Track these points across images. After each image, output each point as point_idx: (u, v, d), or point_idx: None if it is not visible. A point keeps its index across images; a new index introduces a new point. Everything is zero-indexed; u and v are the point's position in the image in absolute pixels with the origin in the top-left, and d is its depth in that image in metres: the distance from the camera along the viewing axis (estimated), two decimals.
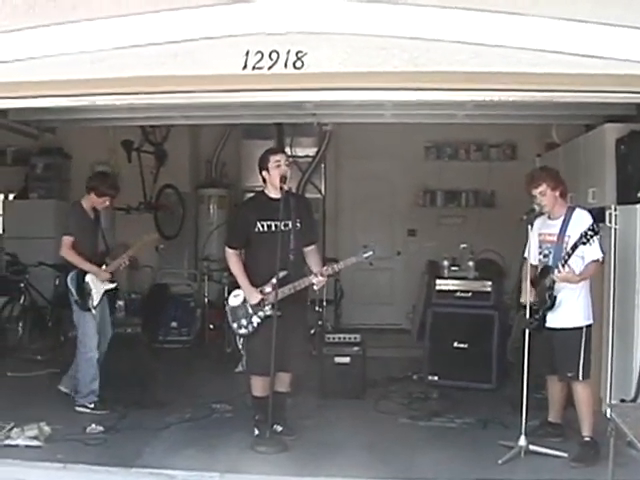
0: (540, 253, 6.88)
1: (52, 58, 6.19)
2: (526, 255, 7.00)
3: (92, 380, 7.92)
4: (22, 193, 13.04)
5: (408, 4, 5.84)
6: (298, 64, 5.96)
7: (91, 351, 7.91)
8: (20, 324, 10.87)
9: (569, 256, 6.41)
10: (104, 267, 8.09)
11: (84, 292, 7.95)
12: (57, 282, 10.71)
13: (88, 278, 7.98)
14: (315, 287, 7.18)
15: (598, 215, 7.54)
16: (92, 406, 7.85)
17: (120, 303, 10.69)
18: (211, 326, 11.51)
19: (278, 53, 5.96)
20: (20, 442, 6.77)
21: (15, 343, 10.77)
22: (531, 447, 6.54)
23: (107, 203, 8.25)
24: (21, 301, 11.00)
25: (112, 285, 8.21)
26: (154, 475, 6.19)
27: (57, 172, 12.95)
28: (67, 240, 7.95)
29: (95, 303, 7.98)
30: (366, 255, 7.04)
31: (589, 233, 6.30)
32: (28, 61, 6.20)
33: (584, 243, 6.33)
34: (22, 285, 11.08)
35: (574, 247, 6.40)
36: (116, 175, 12.87)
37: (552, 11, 5.81)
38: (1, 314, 10.91)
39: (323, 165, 13.46)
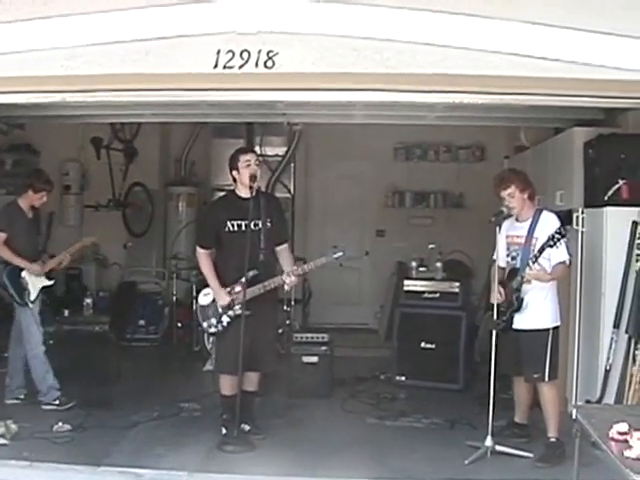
0: (508, 255, 6.92)
1: (22, 54, 6.13)
2: (495, 257, 7.05)
3: (45, 374, 7.90)
4: None
5: (380, 6, 5.87)
6: (269, 64, 5.96)
7: (36, 347, 7.89)
8: None
9: (536, 258, 6.46)
10: (39, 263, 8.12)
11: (20, 287, 7.95)
12: None
13: (24, 273, 7.99)
14: (286, 287, 7.22)
15: (565, 217, 7.61)
16: (57, 402, 7.82)
17: (88, 301, 10.63)
18: (179, 324, 11.45)
19: (249, 52, 5.96)
20: None
21: None
22: (497, 447, 6.57)
23: (44, 199, 8.23)
24: None
25: (49, 282, 8.22)
26: (122, 474, 6.16)
27: (26, 168, 12.75)
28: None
29: (32, 297, 7.97)
30: (336, 256, 7.07)
31: (556, 236, 6.37)
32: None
33: (551, 246, 6.39)
34: None
35: (541, 249, 6.46)
36: (85, 171, 12.93)
37: (522, 15, 5.86)
38: None
39: (293, 165, 13.46)
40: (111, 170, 12.84)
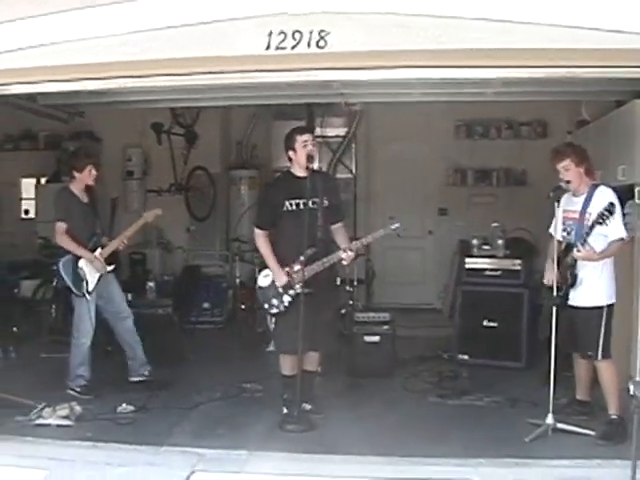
0: (564, 230, 6.86)
1: (79, 42, 6.29)
2: (551, 231, 6.97)
3: (80, 365, 7.91)
4: (54, 177, 13.10)
5: None
6: (321, 43, 5.97)
7: (83, 337, 7.90)
8: (52, 307, 10.92)
9: (587, 235, 6.38)
10: (99, 251, 8.00)
11: (78, 277, 7.91)
12: None
13: (81, 263, 7.93)
14: (344, 262, 7.18)
15: (627, 192, 7.51)
16: (78, 390, 7.82)
17: (151, 284, 10.75)
18: (242, 306, 11.56)
19: (301, 33, 5.98)
20: (52, 421, 6.88)
21: (48, 325, 10.82)
22: (558, 425, 6.55)
23: (93, 172, 8.07)
24: (53, 284, 11.07)
25: (109, 268, 8.10)
26: (183, 453, 6.26)
27: None
28: (59, 226, 7.95)
29: (90, 288, 7.92)
30: (394, 227, 7.04)
31: (605, 214, 6.29)
32: (55, 45, 6.28)
33: (600, 223, 6.31)
34: (54, 268, 11.15)
35: (591, 226, 6.38)
36: (147, 157, 13.07)
37: None
38: (34, 296, 11.02)
39: (354, 145, 13.49)
40: (173, 155, 13.01)
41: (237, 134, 13.76)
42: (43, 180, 13.59)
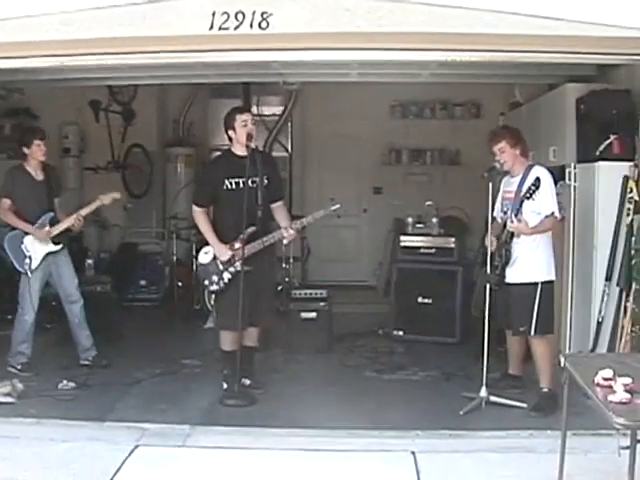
0: (502, 210, 7.04)
1: (18, 20, 6.23)
2: (495, 214, 7.17)
3: (21, 342, 7.85)
4: None
5: None
6: (264, 24, 6.05)
7: (26, 314, 7.80)
8: None
9: (518, 210, 6.58)
10: (47, 228, 7.84)
11: (21, 254, 7.79)
12: None
13: (26, 240, 7.79)
14: (285, 241, 7.31)
15: (558, 173, 7.74)
16: (19, 367, 7.77)
17: (89, 262, 10.72)
18: (179, 284, 11.57)
19: (244, 14, 6.05)
20: None
21: None
22: (492, 398, 6.75)
23: (42, 147, 7.92)
24: None
25: (55, 248, 7.91)
26: (127, 428, 6.31)
27: None
28: (3, 202, 7.83)
29: (33, 266, 7.79)
30: (333, 208, 7.21)
31: (531, 188, 6.53)
32: None
33: (527, 198, 6.54)
34: None
35: (521, 202, 6.59)
36: (84, 134, 12.99)
37: None
38: None
39: (290, 124, 13.55)
40: (110, 132, 12.92)
41: (174, 112, 13.70)
42: None
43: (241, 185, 7.05)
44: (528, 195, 6.54)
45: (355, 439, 6.16)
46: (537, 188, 6.52)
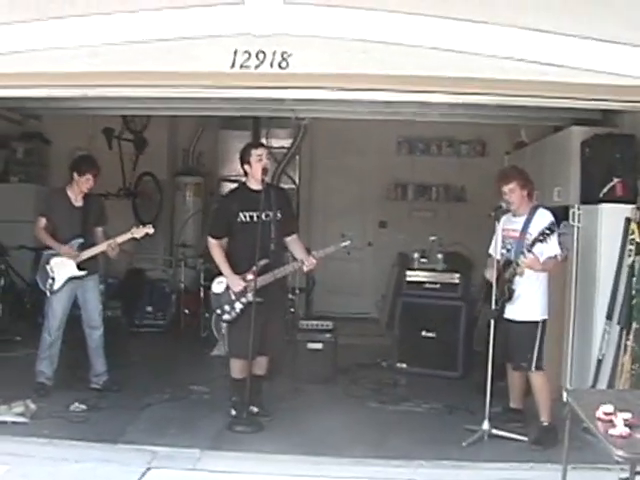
0: (503, 247, 7.20)
1: (47, 51, 6.42)
2: (491, 251, 7.36)
3: (42, 359, 8.01)
4: (2, 177, 13.14)
5: (389, 11, 6.18)
6: (283, 64, 6.27)
7: (47, 333, 7.99)
8: None
9: (529, 250, 6.75)
10: (75, 251, 8.00)
11: (46, 274, 8.01)
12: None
13: (52, 262, 8.01)
14: (305, 269, 7.44)
15: (562, 213, 7.94)
16: (37, 386, 7.94)
17: (101, 287, 10.85)
18: (186, 311, 11.74)
19: (265, 53, 6.28)
20: (7, 418, 6.99)
21: None
22: (494, 431, 6.90)
23: (90, 182, 8.16)
24: (1, 283, 11.16)
25: (80, 273, 8.03)
26: (137, 451, 6.44)
27: (37, 157, 13.10)
28: (38, 220, 8.12)
29: (55, 287, 7.98)
30: (344, 244, 7.41)
31: (546, 232, 6.69)
32: (25, 53, 6.44)
33: (541, 241, 6.70)
34: (2, 267, 11.25)
35: (533, 243, 6.76)
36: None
37: (515, 21, 6.20)
38: None
39: (298, 157, 13.72)
40: (122, 160, 13.17)
41: (184, 141, 13.93)
42: None
43: (255, 218, 7.23)
44: (541, 238, 6.69)
45: (360, 467, 6.31)
46: (552, 232, 6.71)
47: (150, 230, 8.15)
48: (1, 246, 11.42)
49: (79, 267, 8.03)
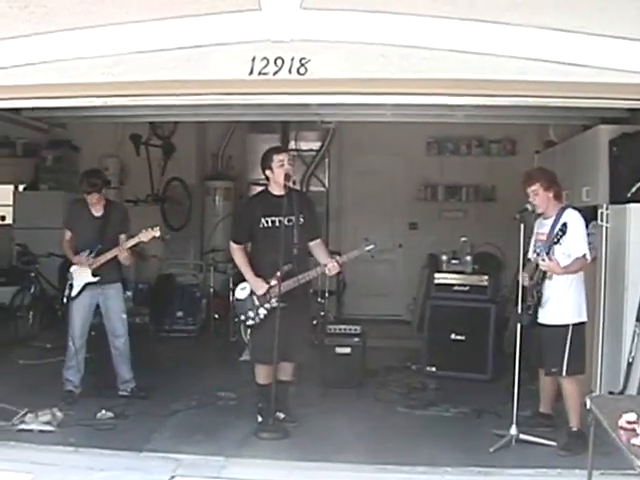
0: (534, 252, 7.13)
1: (66, 62, 6.44)
2: (529, 256, 7.27)
3: (67, 368, 8.10)
4: (32, 184, 13.27)
5: (406, 14, 6.12)
6: (302, 70, 6.24)
7: (70, 340, 8.04)
8: (30, 313, 11.12)
9: (549, 250, 6.70)
10: (90, 259, 8.03)
11: (66, 282, 8.17)
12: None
13: (72, 269, 8.15)
14: (327, 272, 7.37)
15: (591, 213, 7.83)
16: (64, 394, 7.99)
17: (128, 293, 10.90)
18: (216, 316, 11.77)
19: (283, 60, 6.25)
20: (34, 427, 7.02)
21: (25, 332, 11.04)
22: (522, 436, 6.82)
23: (94, 199, 8.15)
24: (31, 291, 11.25)
25: (93, 279, 8.06)
26: (162, 459, 6.45)
27: (66, 164, 13.18)
28: (65, 233, 8.28)
29: (73, 294, 8.07)
30: (368, 248, 7.33)
31: (558, 233, 6.64)
32: (45, 64, 6.46)
33: (555, 242, 6.65)
34: (32, 275, 11.34)
35: (550, 245, 6.71)
36: (124, 167, 13.27)
37: (539, 21, 6.09)
38: (12, 303, 11.10)
39: (327, 159, 13.74)
40: (150, 165, 13.27)
41: (213, 146, 14.00)
42: (21, 187, 13.66)
43: (277, 223, 7.20)
44: (556, 240, 6.65)
45: (386, 474, 6.28)
46: (564, 234, 6.63)
47: (157, 233, 8.12)
48: (31, 254, 11.52)
49: (94, 274, 8.07)
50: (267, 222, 7.26)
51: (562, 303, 6.89)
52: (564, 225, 6.68)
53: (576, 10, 6.09)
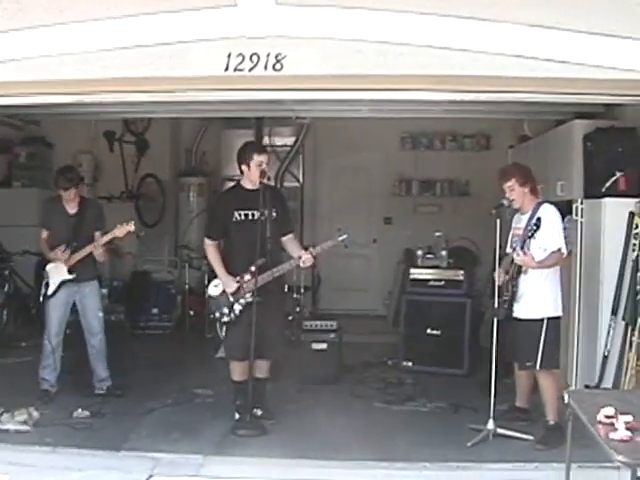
0: (511, 247, 7.17)
1: (40, 59, 6.38)
2: (508, 250, 7.30)
3: (43, 367, 8.05)
4: (5, 181, 13.12)
5: (383, 10, 6.10)
6: (278, 66, 6.22)
7: (46, 339, 8.00)
8: (4, 311, 11.01)
9: (523, 244, 6.73)
10: (64, 256, 7.99)
11: (42, 280, 8.13)
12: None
13: (48, 267, 8.09)
14: (302, 264, 7.37)
15: (565, 208, 7.86)
16: (40, 394, 7.94)
17: (103, 291, 10.82)
18: (191, 312, 11.72)
19: (259, 56, 6.22)
20: (10, 427, 6.98)
21: None
22: (499, 430, 6.86)
23: (70, 195, 8.10)
24: (5, 289, 11.15)
25: (69, 276, 8.01)
26: (140, 458, 6.43)
27: (40, 161, 13.06)
28: (40, 232, 8.22)
29: (49, 292, 8.03)
30: (341, 238, 7.36)
31: (532, 227, 6.68)
32: (18, 62, 6.40)
33: (529, 237, 6.69)
34: (6, 273, 11.24)
35: (523, 240, 6.74)
36: (98, 163, 13.20)
37: (517, 17, 6.09)
38: None
39: (301, 155, 13.71)
40: (124, 162, 13.21)
41: (187, 142, 13.93)
42: None
43: (250, 217, 7.19)
44: (530, 234, 6.69)
45: (364, 470, 6.29)
46: (538, 228, 6.68)
47: (132, 227, 8.06)
48: (5, 252, 11.41)
49: (70, 271, 8.02)
50: (240, 215, 7.23)
51: (537, 297, 6.92)
52: (538, 220, 6.72)
53: (552, 6, 6.08)
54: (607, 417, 4.22)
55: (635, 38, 6.14)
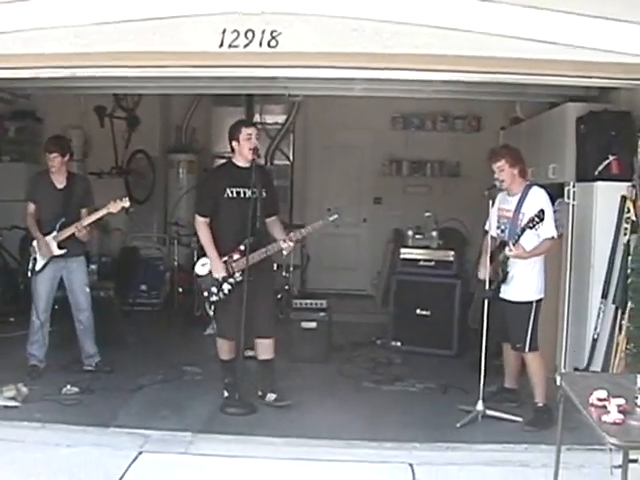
0: (498, 228, 7.15)
1: (33, 32, 6.33)
2: (487, 228, 7.29)
3: (31, 343, 8.02)
4: None
5: None
6: (273, 43, 6.18)
7: (35, 316, 7.96)
8: None
9: (519, 237, 6.70)
10: (53, 234, 7.92)
11: (28, 256, 8.05)
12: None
13: (34, 243, 8.00)
14: (284, 252, 7.39)
15: (557, 191, 7.86)
16: (29, 369, 7.94)
17: (92, 267, 10.78)
18: (180, 289, 11.65)
19: (254, 32, 6.17)
20: None
21: None
22: (488, 412, 6.88)
23: (56, 160, 7.99)
24: None
25: (59, 252, 7.95)
26: (130, 435, 6.42)
27: (29, 136, 12.96)
28: (27, 206, 8.13)
29: (37, 267, 7.98)
30: (332, 218, 7.34)
31: (535, 220, 6.59)
32: (9, 34, 6.35)
33: (530, 228, 6.62)
34: None
35: (522, 230, 6.70)
36: (88, 139, 13.11)
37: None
38: None
39: (292, 133, 13.67)
40: (114, 138, 13.08)
41: (177, 118, 13.82)
42: None
43: (242, 195, 7.16)
44: (531, 226, 6.61)
45: (353, 449, 6.29)
46: (542, 220, 6.59)
47: (126, 203, 7.97)
48: None
49: (60, 246, 7.97)
50: (232, 192, 7.19)
51: (527, 281, 6.93)
52: (541, 212, 6.62)
53: None
54: (600, 400, 4.22)
55: (630, 21, 6.13)
